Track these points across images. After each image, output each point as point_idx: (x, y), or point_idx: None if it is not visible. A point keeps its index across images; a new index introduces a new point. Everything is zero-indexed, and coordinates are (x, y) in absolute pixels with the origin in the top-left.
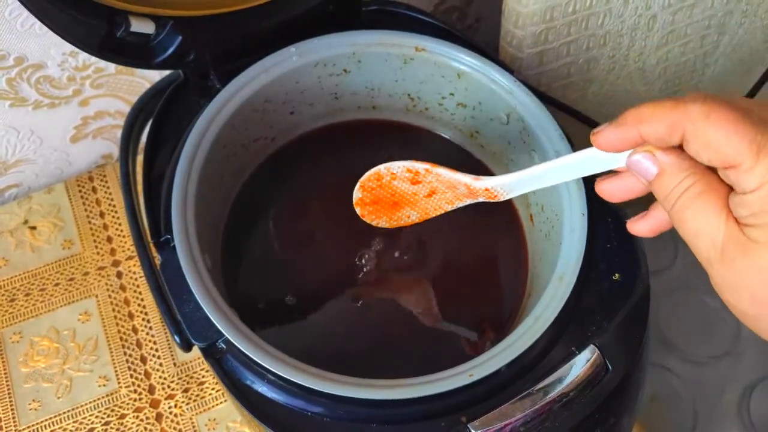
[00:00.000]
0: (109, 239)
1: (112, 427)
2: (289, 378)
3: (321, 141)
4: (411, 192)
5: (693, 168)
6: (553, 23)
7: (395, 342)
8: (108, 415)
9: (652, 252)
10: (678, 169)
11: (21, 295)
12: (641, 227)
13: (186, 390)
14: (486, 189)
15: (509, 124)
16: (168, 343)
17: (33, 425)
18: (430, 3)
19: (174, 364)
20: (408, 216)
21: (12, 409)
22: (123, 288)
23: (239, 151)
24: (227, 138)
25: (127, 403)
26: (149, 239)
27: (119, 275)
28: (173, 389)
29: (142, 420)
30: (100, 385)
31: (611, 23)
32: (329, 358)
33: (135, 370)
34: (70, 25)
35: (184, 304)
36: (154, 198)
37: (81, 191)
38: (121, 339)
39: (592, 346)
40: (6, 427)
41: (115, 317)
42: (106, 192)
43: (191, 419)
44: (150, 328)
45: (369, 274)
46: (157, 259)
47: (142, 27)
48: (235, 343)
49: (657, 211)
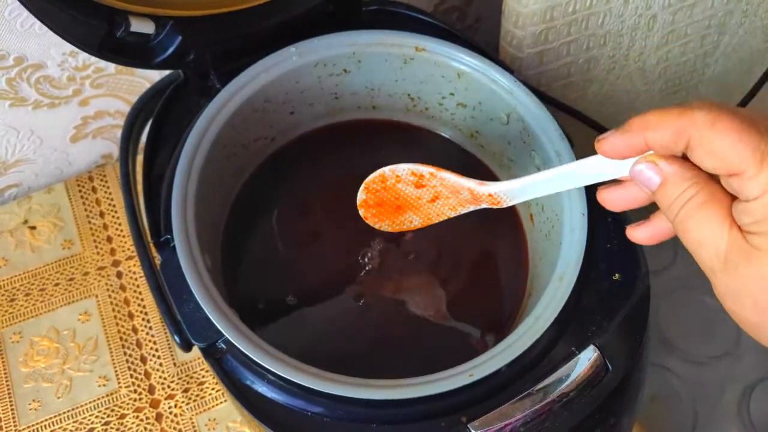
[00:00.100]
0: (109, 239)
1: (112, 427)
2: (289, 378)
3: (321, 141)
4: (415, 196)
5: (696, 178)
6: (553, 23)
7: (395, 342)
8: (108, 415)
9: (652, 252)
10: (681, 179)
11: (21, 295)
12: (640, 234)
13: (186, 390)
14: (489, 194)
15: (509, 124)
16: (168, 343)
17: (33, 425)
18: (430, 3)
19: (174, 364)
20: (411, 221)
21: (12, 409)
22: (123, 288)
23: (239, 151)
24: (227, 138)
25: (127, 403)
26: (149, 239)
27: (119, 275)
28: (173, 389)
29: (142, 420)
30: (100, 385)
31: (611, 23)
32: (329, 358)
33: (135, 370)
34: (70, 25)
35: (184, 304)
36: (154, 198)
37: (81, 191)
38: (121, 339)
39: (592, 346)
40: (6, 427)
41: (115, 317)
42: (106, 192)
43: (191, 419)
44: (150, 328)
45: (370, 273)
46: (157, 259)
47: (142, 27)
48: (235, 343)
49: (658, 220)
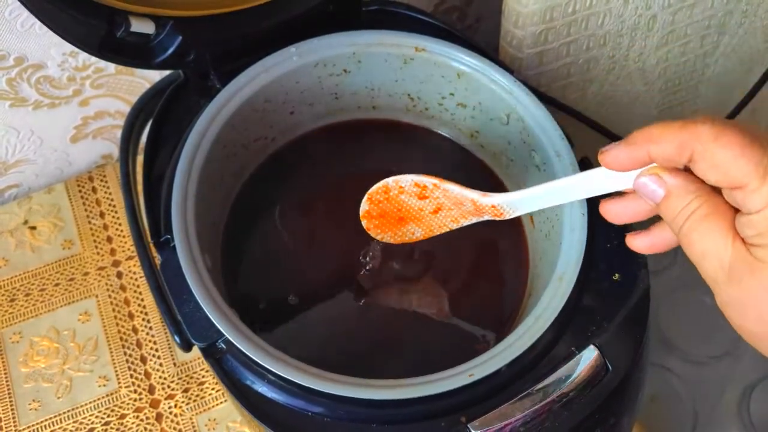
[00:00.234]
0: (109, 239)
1: (112, 427)
2: (289, 378)
3: (321, 141)
4: (417, 207)
5: (700, 190)
6: (553, 23)
7: (396, 342)
8: (108, 415)
9: None
10: (685, 192)
11: (21, 295)
12: (640, 242)
13: (186, 390)
14: (492, 206)
15: (509, 124)
16: (168, 343)
17: (33, 425)
18: (430, 3)
19: (174, 364)
20: (413, 232)
21: (12, 409)
22: (123, 288)
23: (239, 151)
24: (227, 138)
25: (127, 403)
26: (149, 239)
27: (119, 275)
28: (173, 389)
29: (142, 420)
30: (100, 385)
31: (611, 23)
32: (329, 357)
33: (135, 370)
34: (70, 25)
35: (184, 304)
36: (154, 198)
37: (81, 191)
38: (121, 339)
39: (592, 346)
40: (6, 427)
41: (115, 317)
42: (106, 192)
43: (191, 419)
44: (150, 328)
45: (371, 272)
46: (157, 259)
47: (142, 27)
48: (235, 343)
49: (659, 230)
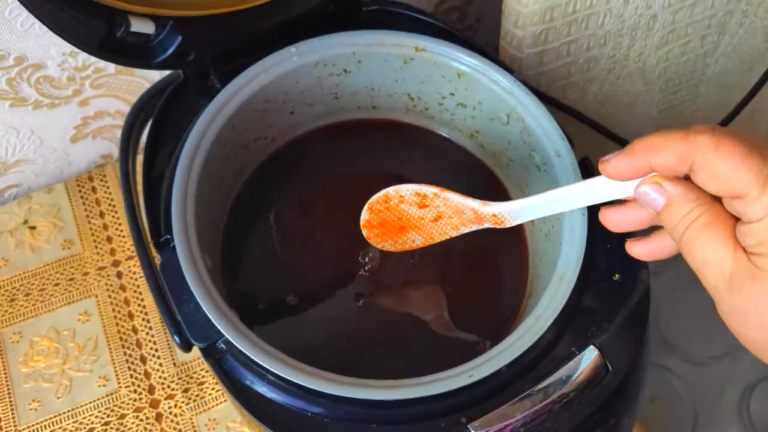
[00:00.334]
0: (109, 239)
1: (112, 427)
2: (289, 378)
3: (321, 141)
4: (418, 216)
5: (700, 199)
6: (553, 23)
7: (395, 342)
8: (108, 415)
9: None
10: (686, 200)
11: (21, 295)
12: (639, 249)
13: (186, 390)
14: (493, 215)
15: (509, 124)
16: (168, 343)
17: (33, 425)
18: (430, 3)
19: (174, 364)
20: (413, 240)
21: (12, 409)
22: (123, 288)
23: (239, 151)
24: (227, 138)
25: (127, 403)
26: (149, 239)
27: (119, 275)
28: (173, 389)
29: (142, 420)
30: (100, 385)
31: (611, 23)
32: (329, 358)
33: (135, 370)
34: (69, 25)
35: (183, 304)
36: (154, 198)
37: (81, 191)
38: (121, 339)
39: (592, 346)
40: (6, 427)
41: (115, 317)
42: (105, 192)
43: (191, 419)
44: (150, 328)
45: (370, 273)
46: (157, 259)
47: (142, 27)
48: (235, 344)
49: (658, 238)
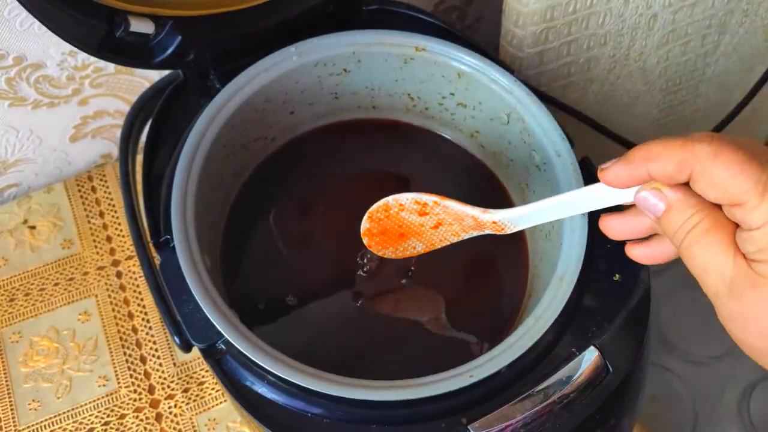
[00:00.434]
0: (109, 239)
1: (111, 427)
2: (289, 379)
3: (321, 141)
4: (418, 223)
5: (700, 204)
6: (554, 23)
7: (395, 342)
8: (108, 415)
9: None
10: (686, 206)
11: (20, 295)
12: (639, 252)
13: (186, 390)
14: (493, 222)
15: (509, 124)
16: (168, 343)
17: (33, 425)
18: (430, 2)
19: (174, 364)
20: (414, 247)
21: (12, 409)
22: (123, 288)
23: (239, 151)
24: (227, 138)
25: (127, 403)
26: (149, 239)
27: (119, 275)
28: (173, 389)
29: (141, 420)
30: (99, 385)
31: (612, 22)
32: (329, 358)
33: (135, 370)
34: (69, 25)
35: (183, 304)
36: (153, 198)
37: (80, 191)
38: (121, 339)
39: (592, 347)
40: (6, 427)
41: (115, 317)
42: (105, 192)
43: (191, 419)
44: (150, 328)
45: (369, 273)
46: (157, 259)
47: (141, 27)
48: (235, 344)
49: (658, 242)
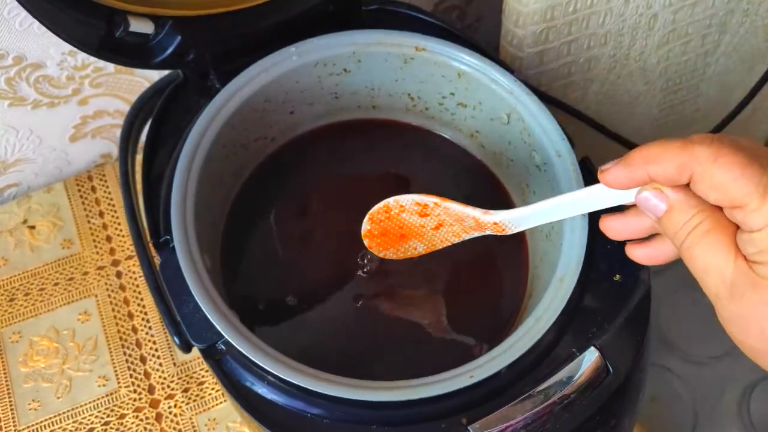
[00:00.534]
0: (109, 239)
1: (111, 427)
2: (289, 379)
3: (321, 141)
4: (419, 224)
5: (701, 205)
6: (554, 22)
7: (395, 343)
8: (108, 415)
9: None
10: (687, 206)
11: (20, 295)
12: (639, 252)
13: (186, 390)
14: (494, 223)
15: (510, 123)
16: (168, 343)
17: (32, 425)
18: (430, 2)
19: (174, 363)
20: (415, 248)
21: (12, 409)
22: (122, 288)
23: (239, 151)
24: (227, 138)
25: (127, 403)
26: (149, 239)
27: (119, 275)
28: (173, 389)
29: (141, 420)
30: (99, 385)
31: (612, 22)
32: (329, 359)
33: (135, 369)
34: (68, 25)
35: (183, 305)
36: (153, 198)
37: (80, 190)
38: (121, 339)
39: (593, 347)
40: (5, 427)
41: (115, 317)
42: (105, 191)
43: (191, 419)
44: (150, 328)
45: (369, 274)
46: (157, 260)
47: (141, 27)
48: (235, 345)
49: (659, 243)
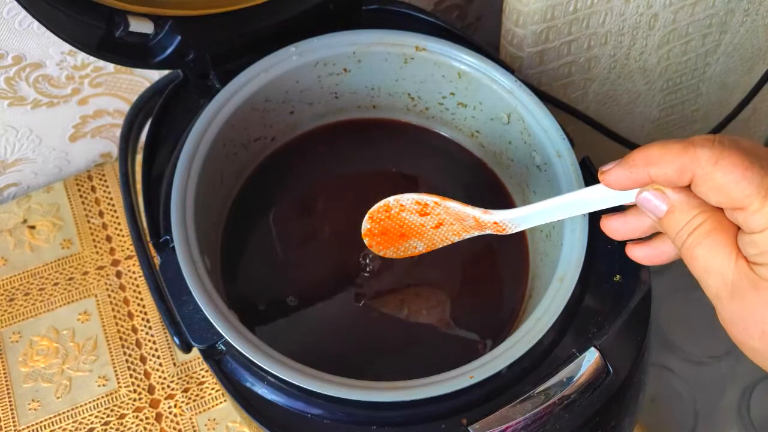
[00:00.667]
0: (109, 239)
1: (111, 427)
2: (288, 380)
3: (321, 141)
4: (419, 223)
5: (702, 206)
6: (554, 22)
7: (395, 343)
8: (107, 415)
9: None
10: (688, 207)
11: (20, 295)
12: (639, 252)
13: (186, 390)
14: (495, 222)
15: (510, 123)
16: (167, 343)
17: (32, 425)
18: (430, 2)
19: (174, 363)
20: (415, 247)
21: (11, 409)
22: (122, 287)
23: (239, 151)
24: (227, 138)
25: (127, 403)
26: (148, 239)
27: (118, 275)
28: (173, 389)
29: (141, 420)
30: (99, 385)
31: (612, 22)
32: (329, 359)
33: (134, 370)
34: (68, 25)
35: (183, 305)
36: (153, 198)
37: (80, 190)
38: (121, 339)
39: (593, 348)
40: (5, 427)
41: (115, 317)
42: (105, 191)
43: (191, 419)
44: (149, 327)
45: (370, 274)
46: (157, 260)
47: (141, 27)
48: (235, 345)
49: (659, 243)
